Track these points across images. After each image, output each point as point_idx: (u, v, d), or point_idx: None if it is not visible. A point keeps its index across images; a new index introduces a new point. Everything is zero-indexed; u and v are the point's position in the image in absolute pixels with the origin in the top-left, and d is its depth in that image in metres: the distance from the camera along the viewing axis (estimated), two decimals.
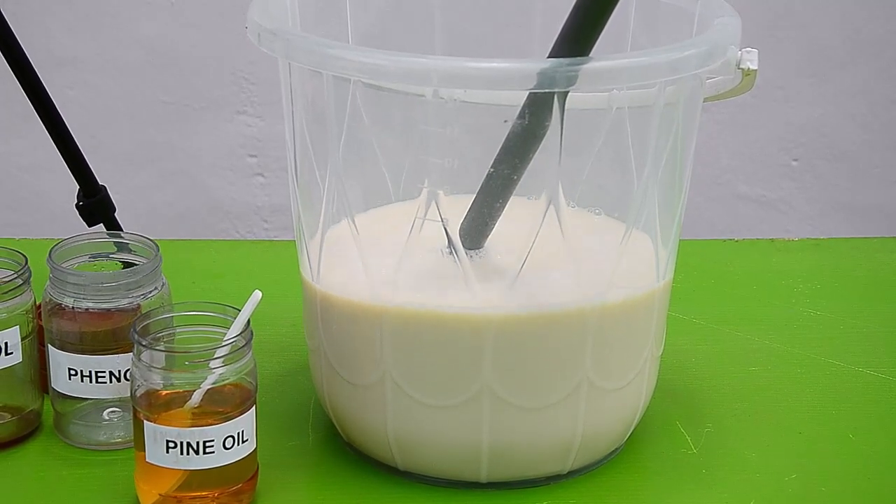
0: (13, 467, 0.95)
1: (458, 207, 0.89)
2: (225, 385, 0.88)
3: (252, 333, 0.89)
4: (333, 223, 0.93)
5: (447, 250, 0.89)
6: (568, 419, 0.92)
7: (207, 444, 0.87)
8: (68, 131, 1.80)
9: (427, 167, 0.87)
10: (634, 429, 0.98)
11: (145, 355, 0.87)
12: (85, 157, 1.82)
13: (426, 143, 0.86)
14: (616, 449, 0.97)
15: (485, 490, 0.93)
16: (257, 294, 0.89)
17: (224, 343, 0.87)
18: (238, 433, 0.87)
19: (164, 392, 0.87)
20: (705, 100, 0.93)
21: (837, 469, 0.96)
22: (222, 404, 0.88)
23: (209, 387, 0.87)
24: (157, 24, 2.45)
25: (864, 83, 2.55)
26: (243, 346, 0.88)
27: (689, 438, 0.99)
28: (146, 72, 2.56)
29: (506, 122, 0.87)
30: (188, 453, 0.87)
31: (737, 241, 1.33)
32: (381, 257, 0.91)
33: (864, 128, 2.61)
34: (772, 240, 1.31)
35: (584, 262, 0.90)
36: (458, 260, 0.89)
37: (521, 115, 0.86)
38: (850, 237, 1.34)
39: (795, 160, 2.64)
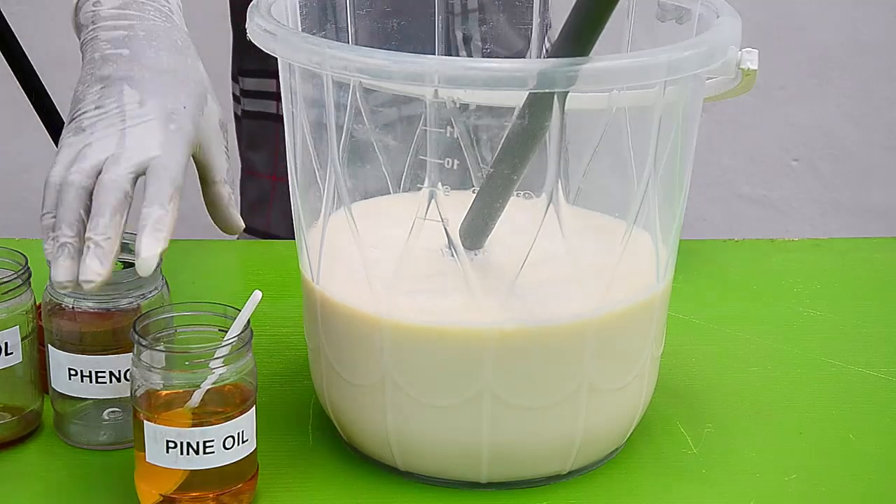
0: (13, 467, 0.95)
1: (458, 207, 0.89)
2: (225, 385, 0.88)
3: (252, 333, 0.89)
4: (333, 223, 0.93)
5: (447, 251, 0.89)
6: (568, 419, 0.92)
7: (207, 444, 0.87)
8: None
9: (427, 167, 0.87)
10: (634, 429, 0.98)
11: (145, 355, 0.87)
12: None
13: (426, 143, 0.86)
14: (616, 449, 0.97)
15: (485, 490, 0.93)
16: (257, 294, 0.89)
17: (224, 343, 0.87)
18: (238, 433, 0.88)
19: (164, 392, 0.87)
20: (705, 100, 0.93)
21: (837, 469, 0.96)
22: (222, 404, 0.88)
23: (209, 387, 0.87)
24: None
25: (864, 84, 2.55)
26: (243, 347, 0.88)
27: (689, 438, 0.99)
28: None
29: (506, 124, 0.87)
30: (188, 453, 0.87)
31: (737, 241, 1.33)
32: (380, 259, 0.91)
33: (865, 128, 2.61)
34: (772, 240, 1.31)
35: (585, 264, 0.89)
36: (459, 261, 0.89)
37: (521, 116, 0.86)
38: (850, 237, 1.34)
39: (796, 160, 2.64)
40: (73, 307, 0.95)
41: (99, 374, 0.95)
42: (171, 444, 0.87)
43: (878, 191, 2.66)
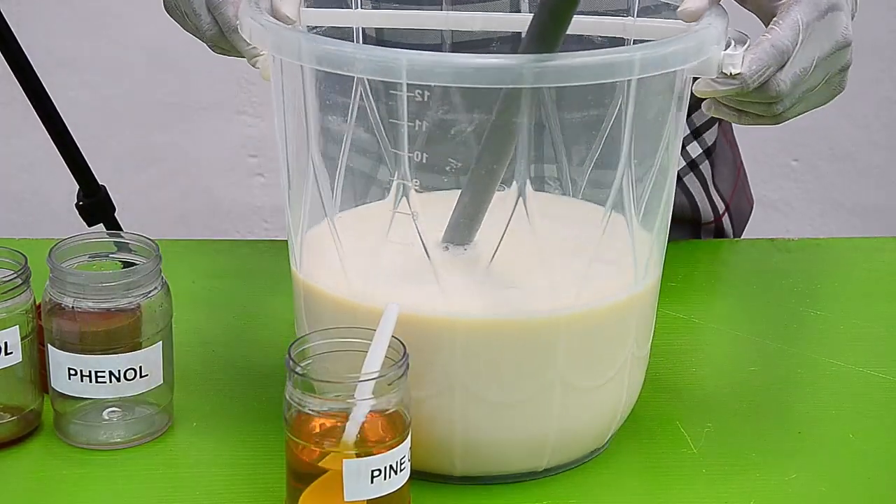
0: (13, 467, 0.95)
1: (429, 202, 0.90)
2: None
3: (407, 363, 0.86)
4: (313, 218, 0.94)
5: (419, 244, 0.89)
6: (541, 416, 0.92)
7: (401, 462, 0.86)
8: (68, 131, 1.81)
9: (398, 161, 0.87)
10: (633, 428, 0.98)
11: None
12: (85, 157, 1.82)
13: (397, 137, 0.87)
14: (598, 448, 0.97)
15: (459, 484, 0.93)
16: (393, 308, 0.87)
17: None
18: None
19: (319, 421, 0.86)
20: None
21: (837, 469, 0.96)
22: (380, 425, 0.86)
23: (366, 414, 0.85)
24: (157, 25, 2.44)
25: (864, 84, 2.55)
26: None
27: (689, 438, 0.99)
28: (146, 72, 2.56)
29: (475, 117, 0.89)
30: (389, 476, 0.85)
31: (737, 241, 1.33)
32: (357, 253, 0.92)
33: (864, 128, 2.61)
34: (772, 240, 1.31)
35: (558, 262, 0.90)
36: (430, 256, 0.89)
37: (493, 111, 0.87)
38: (850, 237, 1.34)
39: (796, 160, 2.64)
40: (72, 307, 0.95)
41: (99, 374, 0.95)
42: (377, 473, 0.85)
43: (878, 191, 2.65)
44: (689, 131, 1.29)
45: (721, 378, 1.07)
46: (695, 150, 1.30)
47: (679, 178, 1.30)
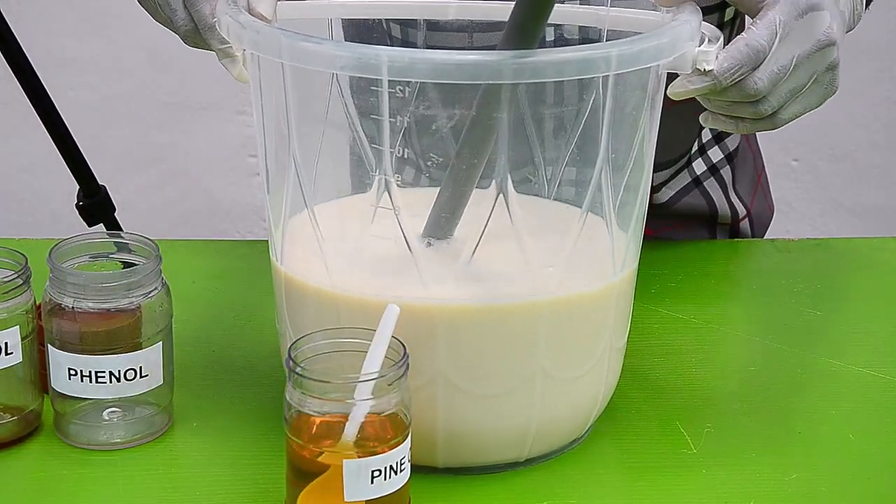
0: (13, 467, 0.96)
1: (411, 196, 0.90)
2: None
3: (407, 362, 0.86)
4: (296, 214, 0.94)
5: (401, 239, 0.90)
6: (522, 407, 0.92)
7: (401, 462, 0.86)
8: (68, 131, 1.81)
9: (379, 156, 0.88)
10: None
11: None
12: (85, 157, 1.82)
13: (379, 132, 0.87)
14: (577, 439, 0.97)
15: (442, 475, 0.93)
16: (393, 309, 0.87)
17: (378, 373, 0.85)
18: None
19: (318, 420, 0.85)
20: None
21: (837, 469, 0.96)
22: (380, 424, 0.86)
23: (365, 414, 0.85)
24: (157, 25, 2.44)
25: (864, 84, 2.55)
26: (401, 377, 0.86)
27: (689, 438, 0.99)
28: (146, 72, 2.56)
29: (455, 113, 0.89)
30: (389, 477, 0.85)
31: (737, 242, 1.33)
32: (337, 248, 0.92)
33: (864, 128, 2.61)
34: (772, 240, 1.31)
35: (537, 254, 0.90)
36: (411, 249, 0.90)
37: (472, 106, 0.88)
38: (850, 237, 1.34)
39: (796, 160, 2.64)
40: (73, 307, 0.95)
41: (99, 374, 0.95)
42: (377, 473, 0.85)
43: (878, 191, 2.65)
44: (711, 136, 1.30)
45: (721, 378, 1.07)
46: (716, 154, 1.30)
47: (699, 182, 1.30)
